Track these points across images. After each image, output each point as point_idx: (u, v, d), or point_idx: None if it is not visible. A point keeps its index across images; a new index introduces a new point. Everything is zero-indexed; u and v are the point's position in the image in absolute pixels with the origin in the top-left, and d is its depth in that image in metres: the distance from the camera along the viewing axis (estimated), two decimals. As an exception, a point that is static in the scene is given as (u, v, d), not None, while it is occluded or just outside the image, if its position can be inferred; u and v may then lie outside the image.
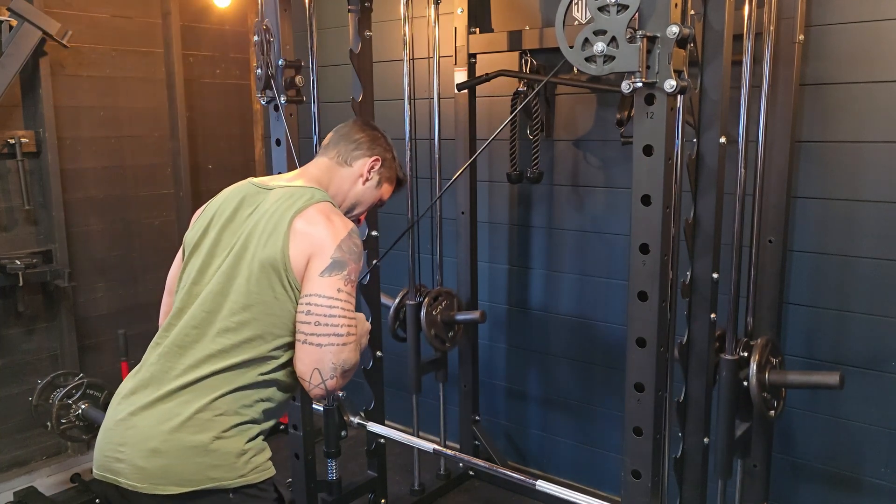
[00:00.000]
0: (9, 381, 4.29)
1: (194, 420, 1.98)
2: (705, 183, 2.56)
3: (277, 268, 2.04)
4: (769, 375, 2.77)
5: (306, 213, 2.11)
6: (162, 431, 1.96)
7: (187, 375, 2.02)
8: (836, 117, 3.10)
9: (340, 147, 2.41)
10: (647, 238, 2.20)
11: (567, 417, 4.18)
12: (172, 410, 1.99)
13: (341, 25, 4.57)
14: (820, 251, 3.21)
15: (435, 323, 3.87)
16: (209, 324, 2.06)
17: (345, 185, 2.39)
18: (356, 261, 2.11)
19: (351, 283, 2.08)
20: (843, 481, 3.29)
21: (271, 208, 2.13)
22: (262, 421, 2.11)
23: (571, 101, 3.86)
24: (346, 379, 2.08)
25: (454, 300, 4.00)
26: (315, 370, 2.03)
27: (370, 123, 2.53)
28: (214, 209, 2.26)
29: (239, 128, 5.33)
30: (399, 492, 4.17)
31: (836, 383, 2.68)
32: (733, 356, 2.74)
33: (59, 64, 4.31)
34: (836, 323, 3.21)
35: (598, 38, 2.09)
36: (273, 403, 2.13)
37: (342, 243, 2.08)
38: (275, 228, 2.08)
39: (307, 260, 2.06)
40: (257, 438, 2.09)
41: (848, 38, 3.03)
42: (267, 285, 2.05)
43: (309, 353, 2.03)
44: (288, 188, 2.21)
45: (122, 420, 2.03)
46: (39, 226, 4.33)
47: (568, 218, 3.97)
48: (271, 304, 2.05)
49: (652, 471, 2.33)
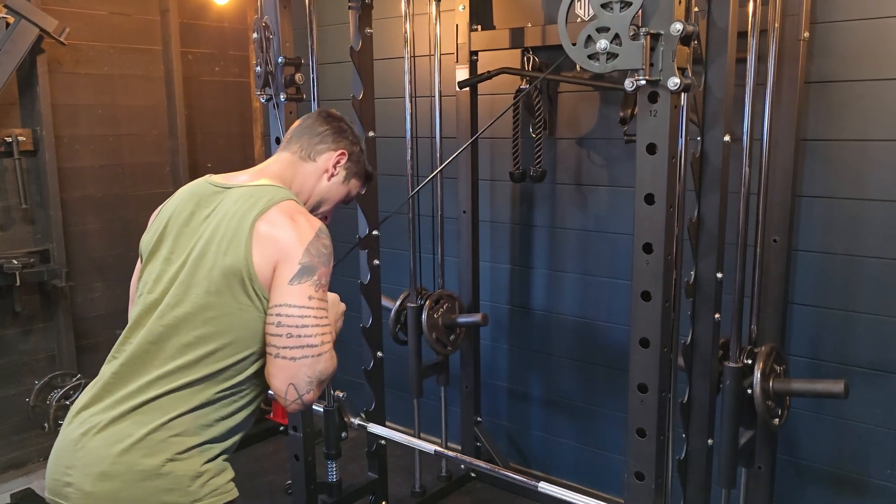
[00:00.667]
0: (6, 381, 4.30)
1: (146, 441, 1.87)
2: (709, 182, 2.55)
3: (241, 276, 1.93)
4: (773, 384, 2.76)
5: (269, 214, 1.98)
6: (111, 454, 1.86)
7: (143, 394, 1.92)
8: (841, 115, 3.09)
9: (303, 140, 2.30)
10: (650, 237, 2.19)
11: (569, 418, 4.17)
12: (124, 431, 1.88)
13: (342, 22, 4.56)
14: (825, 251, 3.20)
15: (436, 326, 3.86)
16: (166, 338, 1.95)
17: (309, 182, 2.28)
18: (326, 263, 2.00)
19: (322, 289, 1.97)
20: (848, 483, 3.28)
21: (230, 210, 2.01)
22: (223, 439, 2.00)
23: (574, 98, 3.85)
24: (322, 388, 1.99)
25: (455, 303, 3.99)
26: (290, 385, 1.93)
27: (335, 115, 2.41)
28: (170, 211, 2.14)
29: (238, 126, 5.33)
30: (400, 494, 4.16)
31: (840, 392, 2.68)
32: (737, 364, 2.74)
33: (56, 61, 4.31)
34: (842, 323, 3.21)
35: (601, 36, 2.08)
36: (236, 420, 2.02)
37: (310, 246, 1.97)
38: (235, 233, 1.96)
39: (273, 266, 1.94)
40: (217, 459, 1.98)
41: (853, 36, 3.02)
42: (229, 295, 1.94)
43: (282, 369, 1.92)
44: (247, 188, 2.08)
45: (73, 441, 1.93)
46: (36, 225, 4.33)
47: (570, 217, 3.96)
48: (234, 316, 1.95)
49: (655, 472, 2.32)
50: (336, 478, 3.60)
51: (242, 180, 2.15)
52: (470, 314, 4.03)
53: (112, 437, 1.88)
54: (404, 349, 3.91)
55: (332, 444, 3.53)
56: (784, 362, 2.90)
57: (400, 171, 3.87)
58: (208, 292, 1.94)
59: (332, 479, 3.60)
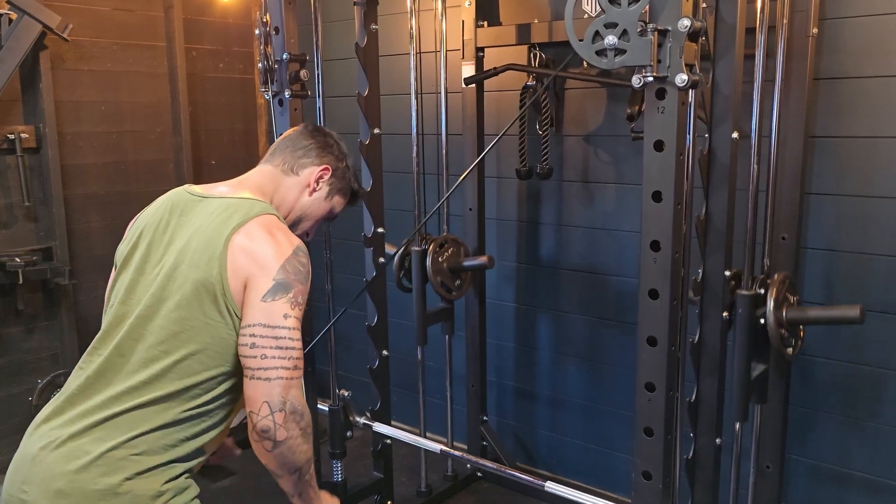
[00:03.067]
0: (8, 380, 4.31)
1: (105, 459, 1.82)
2: (717, 179, 2.56)
3: (213, 291, 1.90)
4: (787, 312, 2.71)
5: (246, 228, 1.95)
6: (68, 471, 1.82)
7: (106, 409, 1.87)
8: (850, 112, 3.10)
9: (286, 154, 2.28)
10: (658, 235, 2.20)
11: (577, 418, 4.19)
12: (83, 448, 1.84)
13: (347, 19, 4.58)
14: (834, 248, 3.21)
15: (441, 271, 3.77)
16: (133, 352, 1.92)
17: (290, 196, 2.25)
18: (303, 282, 1.96)
19: (298, 307, 1.93)
20: (859, 484, 3.29)
21: (206, 222, 1.98)
22: (188, 459, 1.95)
23: (581, 95, 3.87)
24: (294, 425, 1.91)
25: (461, 248, 3.89)
26: (264, 403, 1.87)
27: (322, 129, 2.39)
28: (146, 220, 2.11)
29: (242, 123, 5.35)
30: (406, 493, 4.18)
31: (856, 316, 2.61)
32: (749, 292, 2.69)
33: (59, 58, 4.33)
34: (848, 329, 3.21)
35: (609, 32, 2.10)
36: (202, 441, 1.97)
37: (286, 263, 1.93)
38: (208, 246, 1.93)
39: (245, 281, 1.91)
40: (180, 478, 1.92)
41: (863, 32, 3.03)
42: (198, 310, 1.90)
43: (256, 388, 1.88)
44: (226, 199, 2.05)
45: (31, 456, 1.89)
46: (39, 223, 4.35)
47: (577, 214, 3.98)
48: (201, 331, 1.91)
49: (663, 472, 2.34)
50: (341, 477, 3.62)
51: (222, 191, 2.12)
52: (475, 257, 3.93)
53: (70, 453, 1.84)
54: (409, 348, 3.92)
55: (338, 443, 3.56)
56: (797, 293, 2.85)
57: (405, 169, 3.88)
58: (179, 306, 1.91)
59: (337, 479, 3.62)
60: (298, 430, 1.92)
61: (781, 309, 2.70)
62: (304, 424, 1.94)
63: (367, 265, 3.64)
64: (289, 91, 3.18)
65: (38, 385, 4.13)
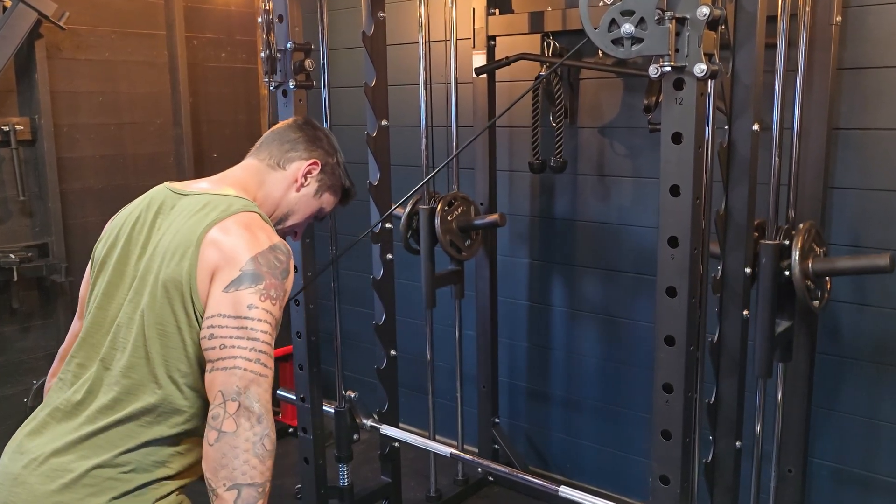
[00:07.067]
0: (3, 381, 4.33)
1: (90, 478, 1.79)
2: (737, 172, 2.56)
3: (181, 289, 1.84)
4: (813, 263, 2.69)
5: (223, 224, 1.89)
6: (51, 491, 1.78)
7: (92, 423, 1.83)
8: (875, 103, 3.10)
9: (273, 147, 2.22)
10: (675, 231, 2.21)
11: (591, 420, 4.20)
12: (66, 466, 1.80)
13: (353, 6, 4.59)
14: (858, 244, 3.21)
15: (450, 230, 3.74)
16: (114, 360, 1.88)
17: (276, 192, 2.18)
18: (277, 277, 1.87)
19: (270, 300, 1.84)
20: (882, 486, 3.30)
21: (180, 219, 1.94)
22: (180, 476, 1.91)
23: (596, 85, 3.87)
24: (246, 422, 1.74)
25: (471, 206, 3.88)
26: (219, 391, 1.76)
27: (312, 122, 2.35)
28: (123, 218, 2.09)
29: (245, 114, 5.35)
30: (414, 498, 4.19)
31: (886, 265, 2.59)
32: (774, 241, 2.67)
33: (55, 47, 4.34)
34: (877, 319, 3.22)
35: (626, 20, 2.10)
36: (194, 458, 1.92)
37: (259, 256, 1.85)
38: (182, 243, 1.87)
39: (212, 275, 1.84)
40: (170, 496, 1.89)
41: (888, 20, 3.03)
42: (169, 312, 1.85)
43: (214, 379, 1.78)
44: (204, 195, 2.00)
45: (13, 475, 1.84)
46: (35, 218, 4.36)
47: (592, 209, 3.98)
48: (173, 336, 1.85)
49: (681, 476, 2.34)
50: (348, 482, 3.63)
51: (202, 188, 2.08)
52: (486, 215, 3.90)
53: (54, 471, 1.80)
54: (418, 348, 3.93)
55: (344, 446, 3.57)
56: (824, 245, 2.84)
57: (414, 162, 3.89)
58: (151, 308, 1.86)
59: (344, 483, 3.63)
60: (251, 433, 1.74)
61: (807, 260, 2.68)
62: (260, 431, 1.76)
63: (375, 262, 3.63)
64: (293, 81, 3.18)
65: (33, 386, 4.14)
